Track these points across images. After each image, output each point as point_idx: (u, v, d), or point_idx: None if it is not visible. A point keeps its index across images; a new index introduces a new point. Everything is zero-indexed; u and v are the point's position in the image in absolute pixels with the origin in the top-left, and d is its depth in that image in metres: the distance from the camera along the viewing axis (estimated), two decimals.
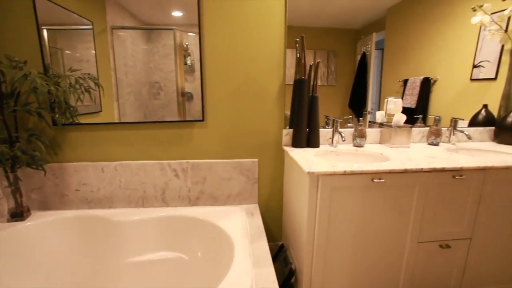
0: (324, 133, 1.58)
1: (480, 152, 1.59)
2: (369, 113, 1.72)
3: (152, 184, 1.53)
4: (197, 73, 1.45)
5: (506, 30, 1.64)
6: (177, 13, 1.38)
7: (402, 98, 1.75)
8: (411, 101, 1.76)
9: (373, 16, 1.62)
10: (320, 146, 1.54)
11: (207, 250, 1.38)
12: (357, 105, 1.72)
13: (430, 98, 1.76)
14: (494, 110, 1.78)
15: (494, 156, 1.52)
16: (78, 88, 1.35)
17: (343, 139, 1.45)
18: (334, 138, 1.53)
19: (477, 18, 1.61)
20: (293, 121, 1.48)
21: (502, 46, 1.69)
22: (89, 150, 1.49)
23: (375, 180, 1.13)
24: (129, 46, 1.39)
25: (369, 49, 1.66)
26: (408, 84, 1.74)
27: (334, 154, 1.47)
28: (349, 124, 1.64)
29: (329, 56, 1.63)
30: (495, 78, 1.75)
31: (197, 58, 1.43)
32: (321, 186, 1.11)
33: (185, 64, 1.44)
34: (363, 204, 1.17)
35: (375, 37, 1.65)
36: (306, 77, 1.46)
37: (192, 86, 1.47)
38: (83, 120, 1.44)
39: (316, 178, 1.11)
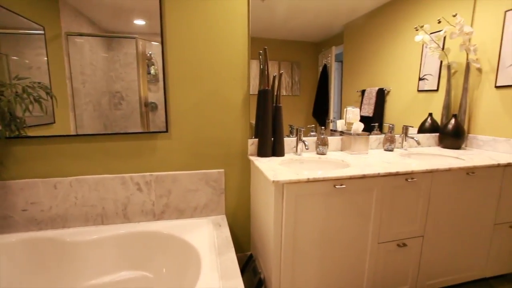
0: (289, 142, 1.62)
1: (428, 156, 1.75)
2: (331, 122, 1.81)
3: (112, 199, 1.44)
4: (162, 83, 1.43)
5: (443, 48, 1.85)
6: (139, 22, 1.35)
7: (360, 107, 1.88)
8: (368, 110, 1.89)
9: (331, 31, 1.73)
10: (285, 154, 1.58)
11: (172, 265, 1.33)
12: (320, 114, 1.80)
13: (385, 107, 1.90)
14: (438, 118, 1.97)
15: (439, 159, 1.67)
16: (26, 97, 1.24)
17: (306, 147, 1.51)
18: (298, 147, 1.59)
19: (419, 37, 1.80)
20: (258, 131, 1.51)
21: (441, 61, 1.90)
22: (40, 165, 1.37)
23: (337, 186, 1.18)
24: (87, 54, 1.32)
25: (329, 61, 1.76)
26: (365, 94, 1.87)
27: (299, 162, 1.52)
28: (312, 133, 1.71)
29: (293, 67, 1.70)
30: (437, 90, 1.95)
31: (161, 67, 1.41)
32: (286, 194, 1.13)
33: (149, 73, 1.41)
34: (326, 210, 1.21)
35: (334, 50, 1.76)
36: (270, 88, 1.50)
37: (156, 96, 1.43)
38: (32, 132, 1.32)
39: (281, 186, 1.13)
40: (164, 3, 1.38)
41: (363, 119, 1.88)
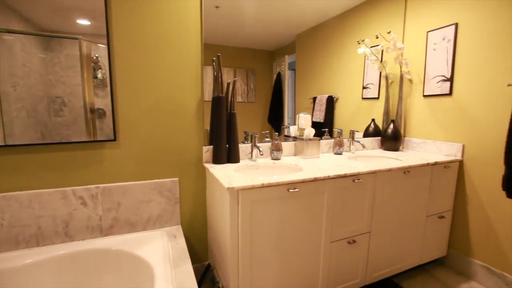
0: (244, 148, 1.64)
1: (372, 158, 1.91)
2: (285, 128, 1.87)
3: (51, 217, 1.29)
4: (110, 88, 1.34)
5: (381, 61, 2.05)
6: (83, 21, 1.26)
7: (312, 114, 1.98)
8: (319, 116, 2.00)
9: (284, 40, 1.81)
10: (241, 161, 1.59)
11: (123, 284, 1.23)
12: (275, 120, 1.86)
13: (334, 114, 2.04)
14: (380, 123, 2.18)
15: (381, 161, 1.84)
16: None
17: (261, 153, 1.54)
18: (253, 153, 1.61)
19: (361, 49, 1.98)
20: (213, 138, 1.50)
21: (380, 72, 2.11)
22: None
23: (290, 190, 1.22)
24: (18, 54, 1.18)
25: (283, 69, 1.83)
26: (317, 101, 1.98)
27: (254, 168, 1.54)
28: (266, 139, 1.76)
29: (248, 75, 1.73)
30: (378, 98, 2.16)
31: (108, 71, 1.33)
32: (241, 200, 1.14)
33: (96, 77, 1.31)
34: (281, 213, 1.25)
35: (287, 59, 1.84)
36: (224, 95, 1.50)
37: (104, 102, 1.34)
38: None
39: (236, 193, 1.14)
40: (110, 3, 1.31)
41: (315, 124, 1.98)
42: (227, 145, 1.51)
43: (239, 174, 1.29)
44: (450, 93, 1.84)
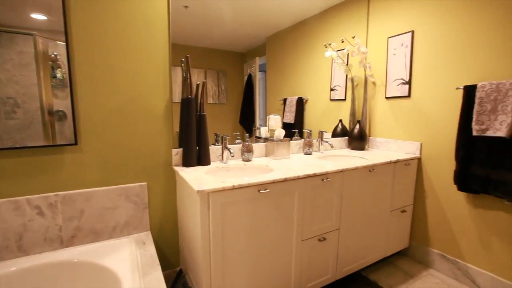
0: (215, 150, 1.63)
1: (340, 157, 1.99)
2: (257, 129, 1.89)
3: (0, 230, 1.18)
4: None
5: (347, 64, 2.15)
6: (38, 16, 1.17)
7: (283, 115, 2.02)
8: (290, 117, 2.05)
9: (255, 42, 1.82)
10: (212, 163, 1.57)
11: None
12: (246, 121, 1.86)
13: (304, 115, 2.09)
14: (347, 123, 2.27)
15: (348, 160, 1.92)
16: None
17: (232, 155, 1.54)
18: (224, 154, 1.60)
19: (328, 53, 2.05)
20: (182, 140, 1.46)
21: (346, 75, 2.20)
22: None
23: (261, 191, 1.23)
24: None
25: (254, 71, 1.85)
26: (287, 102, 2.02)
27: (225, 170, 1.54)
28: (237, 141, 1.76)
29: (219, 76, 1.72)
30: (345, 99, 2.25)
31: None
32: (212, 203, 1.13)
33: (54, 77, 1.22)
34: (253, 214, 1.25)
35: (258, 60, 1.86)
36: (193, 96, 1.48)
37: (65, 103, 1.25)
38: None
39: (206, 196, 1.12)
40: None
41: (285, 125, 2.02)
42: (197, 148, 1.49)
43: (210, 177, 1.27)
44: (409, 95, 1.97)
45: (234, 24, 1.69)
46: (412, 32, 1.91)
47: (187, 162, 1.46)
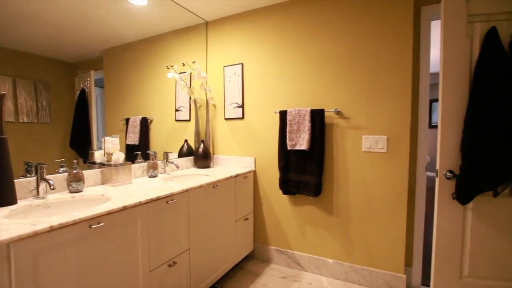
0: (25, 183, 1.25)
1: (186, 177, 2.02)
2: (93, 153, 1.61)
3: None
4: None
5: (190, 86, 2.25)
6: None
7: (126, 136, 1.83)
8: (134, 138, 1.89)
9: (89, 53, 1.59)
10: (20, 201, 1.19)
11: None
12: (80, 145, 1.56)
13: (150, 135, 1.98)
14: (192, 143, 2.35)
15: (194, 178, 1.98)
16: None
17: (52, 187, 1.23)
18: (41, 188, 1.26)
19: (171, 74, 2.08)
20: None
21: (190, 97, 2.30)
22: None
23: (93, 226, 1.05)
24: None
25: (88, 86, 1.59)
26: (130, 122, 1.86)
27: (42, 208, 1.20)
28: (62, 169, 1.43)
29: (38, 88, 1.36)
30: (189, 120, 2.34)
31: None
32: (15, 257, 0.84)
33: None
34: (83, 257, 1.03)
35: (93, 74, 1.61)
36: None
37: None
38: None
39: (4, 249, 0.83)
40: None
41: (129, 147, 1.85)
42: None
43: (15, 220, 0.96)
44: (243, 117, 2.30)
45: (49, 26, 1.40)
46: (242, 64, 2.27)
47: None
